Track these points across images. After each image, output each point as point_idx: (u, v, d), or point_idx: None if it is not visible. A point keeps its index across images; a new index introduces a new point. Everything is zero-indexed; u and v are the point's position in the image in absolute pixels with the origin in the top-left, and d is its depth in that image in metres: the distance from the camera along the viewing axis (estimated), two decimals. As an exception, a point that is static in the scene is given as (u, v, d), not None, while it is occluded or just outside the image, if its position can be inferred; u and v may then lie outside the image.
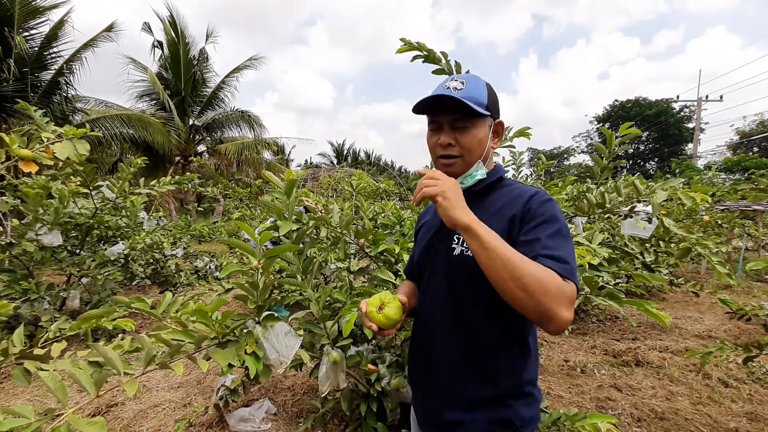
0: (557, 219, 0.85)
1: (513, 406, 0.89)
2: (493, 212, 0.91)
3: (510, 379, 0.90)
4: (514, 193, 0.93)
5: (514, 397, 0.89)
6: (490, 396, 0.89)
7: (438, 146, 0.94)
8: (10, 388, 2.68)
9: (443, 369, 0.95)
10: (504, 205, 0.91)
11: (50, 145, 1.84)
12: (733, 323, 4.33)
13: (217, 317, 1.32)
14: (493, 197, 0.96)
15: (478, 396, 0.90)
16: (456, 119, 0.92)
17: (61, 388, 0.98)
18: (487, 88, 0.94)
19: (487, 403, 0.89)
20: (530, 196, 0.89)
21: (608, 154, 2.18)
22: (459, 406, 0.92)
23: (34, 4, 9.18)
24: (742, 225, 8.07)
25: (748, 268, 1.64)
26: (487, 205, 0.94)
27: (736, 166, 19.05)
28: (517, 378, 0.90)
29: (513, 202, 0.90)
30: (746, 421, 2.43)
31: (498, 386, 0.89)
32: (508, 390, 0.89)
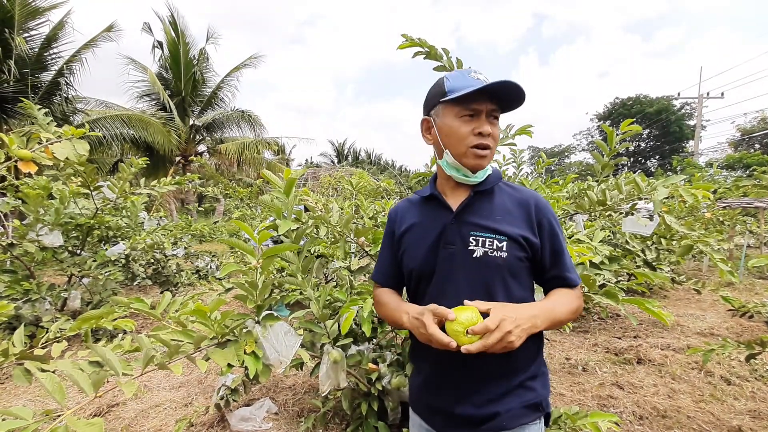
0: (559, 224, 0.99)
1: (535, 388, 0.94)
2: (507, 214, 0.95)
3: (531, 364, 0.96)
4: (517, 196, 0.98)
5: (534, 379, 0.95)
6: (516, 383, 0.93)
7: (473, 135, 0.90)
8: (11, 389, 2.69)
9: (473, 368, 0.92)
10: (513, 207, 0.96)
11: (49, 146, 1.84)
12: (736, 321, 4.31)
13: (217, 317, 1.32)
14: (501, 198, 0.98)
15: (508, 385, 0.93)
16: (494, 109, 0.91)
17: (59, 390, 0.97)
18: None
19: (514, 389, 0.93)
20: (535, 203, 0.97)
21: (609, 151, 2.17)
22: (490, 399, 0.92)
23: (33, 5, 9.19)
24: (744, 222, 8.04)
25: (751, 265, 1.63)
26: (497, 205, 0.97)
27: (737, 163, 18.97)
28: (536, 362, 0.97)
29: (522, 204, 0.96)
30: (749, 418, 2.42)
31: (524, 373, 0.94)
32: (530, 374, 0.95)
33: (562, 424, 1.55)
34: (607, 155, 2.19)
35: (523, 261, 0.92)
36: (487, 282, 0.91)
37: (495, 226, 0.92)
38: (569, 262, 0.96)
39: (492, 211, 0.95)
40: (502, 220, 0.93)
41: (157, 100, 14.70)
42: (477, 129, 0.89)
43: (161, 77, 14.73)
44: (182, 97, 14.70)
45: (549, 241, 0.95)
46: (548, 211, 0.96)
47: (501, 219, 0.93)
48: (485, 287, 0.91)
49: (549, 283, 0.97)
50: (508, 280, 0.92)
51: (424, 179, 2.18)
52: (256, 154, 15.98)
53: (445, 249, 0.95)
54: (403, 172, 30.77)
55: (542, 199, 0.98)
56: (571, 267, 0.96)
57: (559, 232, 0.96)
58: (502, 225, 0.92)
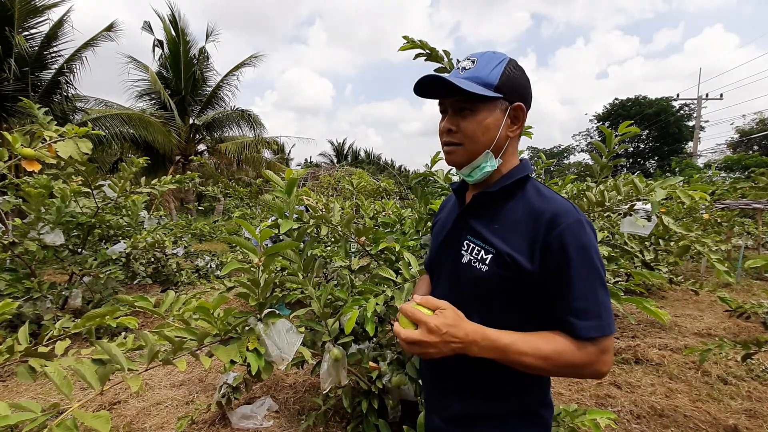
0: (586, 253, 0.73)
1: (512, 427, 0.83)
2: (511, 225, 0.80)
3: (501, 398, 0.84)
4: (536, 205, 0.78)
5: (504, 419, 0.84)
6: (478, 411, 0.85)
7: (442, 132, 0.85)
8: (14, 386, 2.70)
9: (441, 380, 0.92)
10: (524, 217, 0.78)
11: (52, 144, 1.85)
12: (733, 321, 4.34)
13: (219, 314, 1.33)
14: (514, 204, 0.82)
15: (468, 409, 0.86)
16: (458, 101, 0.80)
17: (66, 384, 0.99)
18: (505, 65, 0.80)
19: (476, 417, 0.85)
20: (553, 219, 0.75)
21: (608, 152, 2.19)
22: (454, 416, 0.88)
23: (33, 4, 9.18)
24: (742, 223, 8.07)
25: (747, 265, 1.65)
26: (505, 213, 0.82)
27: (736, 165, 19.03)
28: (508, 401, 0.83)
29: (535, 218, 0.77)
30: (745, 418, 2.44)
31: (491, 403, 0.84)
32: (500, 409, 0.84)
33: (561, 421, 1.57)
34: (606, 156, 2.20)
35: (506, 281, 0.78)
36: (462, 290, 0.84)
37: (488, 235, 0.81)
38: (582, 305, 0.72)
39: (495, 218, 0.83)
40: (500, 230, 0.80)
41: (157, 99, 14.69)
42: (441, 126, 0.85)
43: (161, 76, 14.72)
44: (182, 96, 14.70)
45: (556, 270, 0.73)
46: (569, 234, 0.73)
47: (499, 228, 0.81)
48: (458, 294, 0.84)
49: (554, 324, 0.76)
50: (486, 297, 0.81)
51: (425, 179, 2.20)
52: (255, 154, 15.98)
53: (446, 248, 0.92)
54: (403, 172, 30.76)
55: (568, 216, 0.75)
56: (582, 312, 0.72)
57: (578, 264, 0.73)
58: (495, 235, 0.80)
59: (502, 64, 0.80)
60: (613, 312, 3.67)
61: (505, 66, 0.80)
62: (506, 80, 0.79)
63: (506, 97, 0.80)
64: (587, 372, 0.74)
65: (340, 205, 2.21)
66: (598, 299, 0.73)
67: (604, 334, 0.72)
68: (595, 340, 0.72)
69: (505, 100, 0.80)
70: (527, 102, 0.83)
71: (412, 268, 1.66)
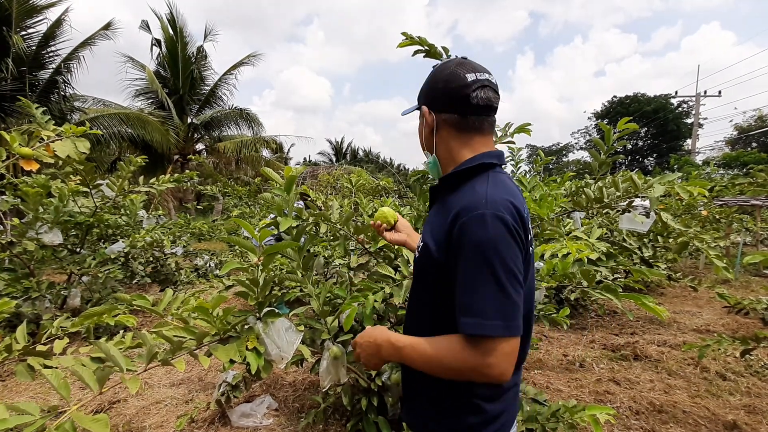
0: (479, 249, 0.71)
1: (451, 412, 0.83)
2: (441, 217, 0.82)
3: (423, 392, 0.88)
4: (456, 199, 0.80)
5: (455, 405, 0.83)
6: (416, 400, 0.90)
7: None
8: (13, 385, 2.70)
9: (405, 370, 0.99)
10: (449, 210, 0.79)
11: (51, 144, 1.85)
12: (731, 317, 4.35)
13: (218, 314, 1.33)
14: (452, 196, 0.84)
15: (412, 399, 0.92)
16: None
17: (64, 386, 0.99)
18: (429, 74, 0.90)
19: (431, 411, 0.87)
20: (458, 213, 0.75)
21: (606, 149, 2.19)
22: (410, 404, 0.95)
23: (31, 3, 9.14)
24: (741, 220, 8.08)
25: (746, 261, 1.65)
26: (444, 203, 0.85)
27: (734, 162, 19.06)
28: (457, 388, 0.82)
29: (450, 212, 0.77)
30: (744, 413, 2.45)
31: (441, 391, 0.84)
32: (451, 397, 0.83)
33: (560, 417, 1.57)
34: (605, 153, 2.20)
35: (425, 267, 0.84)
36: (413, 281, 0.95)
37: (426, 226, 0.90)
38: (466, 301, 0.71)
39: (438, 211, 0.87)
40: (433, 222, 0.86)
41: (155, 98, 14.64)
42: None
43: (159, 75, 14.67)
44: (180, 95, 14.66)
45: (453, 264, 0.75)
46: (466, 229, 0.72)
47: (433, 220, 0.87)
48: (412, 285, 0.96)
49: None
50: (416, 280, 0.91)
51: (423, 177, 2.20)
52: (254, 153, 15.96)
53: None
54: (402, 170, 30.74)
55: (471, 210, 0.73)
56: (465, 307, 0.71)
57: (469, 260, 0.71)
58: (427, 226, 0.88)
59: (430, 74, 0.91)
60: (612, 309, 3.63)
61: (431, 74, 0.90)
62: (420, 90, 0.92)
63: (420, 104, 0.92)
64: (473, 375, 0.72)
65: (339, 203, 2.21)
66: (484, 297, 0.69)
67: (484, 333, 0.69)
68: (479, 340, 0.70)
69: (422, 106, 0.91)
70: (435, 99, 0.87)
71: (410, 266, 1.66)
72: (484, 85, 0.82)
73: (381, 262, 1.89)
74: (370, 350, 0.88)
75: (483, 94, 0.81)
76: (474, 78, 0.81)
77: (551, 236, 2.00)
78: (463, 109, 0.83)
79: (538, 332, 3.92)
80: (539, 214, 2.04)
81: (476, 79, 0.81)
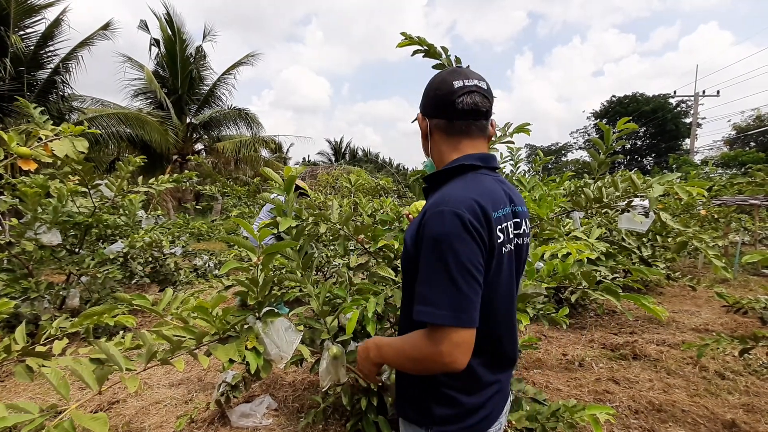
0: (435, 243, 0.76)
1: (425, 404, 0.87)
2: (417, 218, 0.87)
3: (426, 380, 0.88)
4: (430, 200, 0.87)
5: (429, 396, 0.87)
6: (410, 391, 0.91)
7: None
8: (12, 386, 2.69)
9: None
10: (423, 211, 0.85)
11: (49, 143, 1.84)
12: (730, 316, 4.36)
13: (218, 313, 1.33)
14: (431, 196, 0.91)
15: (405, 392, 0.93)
16: None
17: (63, 385, 0.99)
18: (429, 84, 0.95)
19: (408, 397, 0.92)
20: (425, 210, 0.82)
21: (605, 149, 2.19)
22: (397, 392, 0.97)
23: (29, 3, 9.12)
24: (739, 219, 8.10)
25: (744, 260, 1.66)
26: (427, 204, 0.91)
27: (733, 161, 19.11)
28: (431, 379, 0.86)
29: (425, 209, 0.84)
30: (743, 412, 2.45)
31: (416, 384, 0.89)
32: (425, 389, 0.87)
33: (560, 416, 1.58)
34: (604, 153, 2.21)
35: (406, 266, 0.89)
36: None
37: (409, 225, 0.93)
38: (423, 291, 0.76)
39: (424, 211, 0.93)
40: (413, 220, 0.90)
41: (153, 98, 14.61)
42: None
43: (158, 75, 14.64)
44: (179, 95, 14.63)
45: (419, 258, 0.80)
46: (427, 225, 0.78)
47: (416, 218, 0.90)
48: None
49: None
50: (403, 279, 0.94)
51: (423, 177, 2.20)
52: (253, 153, 15.94)
53: None
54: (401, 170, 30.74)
55: (433, 207, 0.79)
56: (421, 297, 0.76)
57: (427, 253, 0.77)
58: (410, 224, 0.94)
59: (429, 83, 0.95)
60: (611, 308, 3.63)
61: (430, 83, 0.94)
62: (422, 97, 0.96)
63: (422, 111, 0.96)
64: (429, 365, 0.77)
65: (338, 203, 2.21)
66: (437, 289, 0.74)
67: (434, 322, 0.73)
68: (433, 330, 0.74)
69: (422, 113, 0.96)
70: (429, 106, 0.93)
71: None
72: (471, 90, 0.86)
73: (380, 263, 1.89)
74: (362, 356, 0.95)
75: (469, 99, 0.86)
76: (461, 84, 0.86)
77: (551, 236, 2.00)
78: (450, 114, 0.88)
79: (538, 332, 3.93)
80: (538, 214, 2.04)
81: (463, 85, 0.86)
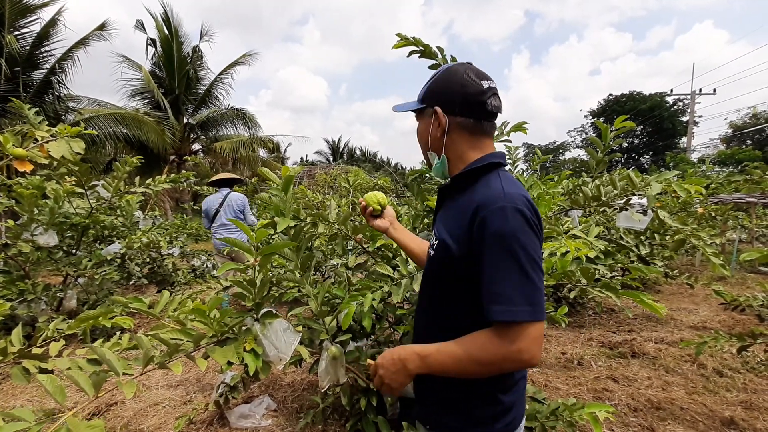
0: (503, 240, 0.73)
1: (466, 405, 0.85)
2: (455, 214, 0.85)
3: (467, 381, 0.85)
4: (473, 196, 0.83)
5: (471, 397, 0.85)
6: (447, 393, 0.88)
7: None
8: (9, 389, 2.68)
9: None
10: (464, 208, 0.82)
11: (44, 144, 1.83)
12: (728, 314, 4.37)
13: (215, 315, 1.32)
14: (466, 195, 0.87)
15: (440, 396, 0.90)
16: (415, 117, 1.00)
17: (59, 391, 0.98)
18: (434, 79, 0.92)
19: (444, 399, 0.88)
20: (478, 207, 0.78)
21: (603, 147, 2.19)
22: (423, 400, 0.94)
23: (24, 3, 9.07)
24: (736, 217, 8.13)
25: (742, 258, 1.66)
26: (458, 204, 0.88)
27: (729, 159, 19.18)
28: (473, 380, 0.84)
29: (468, 208, 0.80)
30: (741, 409, 2.46)
31: (455, 385, 0.86)
32: (465, 391, 0.85)
33: (560, 415, 1.57)
34: (602, 151, 2.20)
35: (444, 265, 0.85)
36: (426, 275, 0.96)
37: (440, 224, 0.91)
38: (495, 290, 0.73)
39: (450, 208, 0.91)
40: (447, 219, 0.89)
41: (150, 98, 14.55)
42: None
43: (155, 75, 14.58)
44: (176, 95, 14.58)
45: (477, 257, 0.77)
46: (488, 222, 0.75)
47: (448, 217, 0.89)
48: (424, 280, 0.96)
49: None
50: (432, 278, 0.92)
51: (421, 176, 2.19)
52: (251, 153, 15.90)
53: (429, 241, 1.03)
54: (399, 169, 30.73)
55: (492, 204, 0.76)
56: (494, 296, 0.73)
57: (493, 251, 0.74)
58: (442, 223, 0.90)
59: (432, 79, 0.93)
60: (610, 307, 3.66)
61: (433, 80, 0.93)
62: (428, 91, 0.93)
63: (429, 104, 0.92)
64: (507, 365, 0.74)
65: (336, 202, 2.20)
66: (510, 285, 0.72)
67: (514, 319, 0.71)
68: (507, 328, 0.72)
69: (429, 107, 0.92)
70: (449, 102, 0.89)
71: (409, 265, 1.65)
72: (495, 93, 0.89)
73: (379, 261, 1.88)
74: (395, 368, 0.85)
75: (495, 101, 0.88)
76: (488, 86, 0.88)
77: (549, 235, 2.00)
78: (478, 114, 0.89)
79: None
80: (537, 213, 2.03)
81: (489, 87, 0.88)
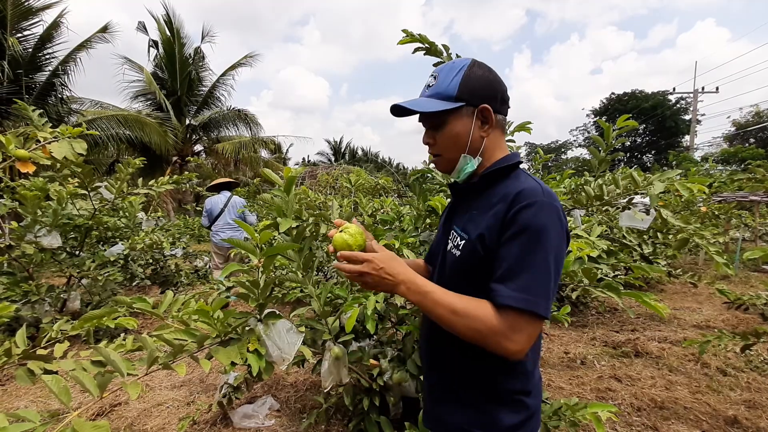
0: (537, 234, 0.73)
1: (491, 412, 0.83)
2: (486, 209, 0.82)
3: (492, 385, 0.84)
4: (509, 188, 0.80)
5: (496, 403, 0.83)
6: (469, 398, 0.86)
7: (425, 144, 0.93)
8: (13, 390, 2.69)
9: (437, 363, 0.95)
10: (496, 201, 0.80)
11: (47, 145, 1.84)
12: (731, 313, 4.36)
13: (219, 316, 1.33)
14: (493, 191, 0.85)
15: (460, 398, 0.87)
16: (426, 118, 0.88)
17: (64, 392, 0.98)
18: (464, 73, 0.83)
19: (466, 405, 0.86)
20: (516, 196, 0.76)
21: (606, 146, 2.18)
22: (446, 402, 0.90)
23: (26, 5, 9.10)
24: (740, 216, 8.09)
25: (745, 257, 1.65)
26: (485, 200, 0.85)
27: (732, 158, 19.10)
28: (499, 384, 0.83)
29: (504, 198, 0.79)
30: (744, 408, 2.45)
31: (479, 390, 0.84)
32: (490, 395, 0.84)
33: (562, 415, 1.57)
34: (604, 150, 2.20)
35: (474, 264, 0.81)
36: (445, 276, 0.89)
37: (466, 223, 0.86)
38: (512, 275, 0.73)
39: (476, 206, 0.87)
40: (477, 216, 0.84)
41: (152, 99, 14.59)
42: (424, 139, 0.93)
43: (157, 77, 14.62)
44: (178, 96, 14.61)
45: (506, 242, 0.75)
46: (526, 212, 0.74)
47: (476, 214, 0.84)
48: (443, 281, 0.87)
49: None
50: (456, 279, 0.85)
51: (423, 176, 2.19)
52: (252, 154, 15.92)
53: (439, 240, 1.00)
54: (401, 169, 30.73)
55: (532, 196, 0.75)
56: (509, 280, 0.73)
57: (524, 240, 0.73)
58: (471, 221, 0.84)
59: (460, 73, 0.83)
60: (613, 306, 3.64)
61: (463, 74, 0.83)
62: (465, 87, 0.83)
63: (470, 103, 0.83)
64: (491, 342, 0.73)
65: (338, 202, 2.20)
66: (536, 277, 0.72)
67: (525, 307, 0.70)
68: (514, 313, 0.71)
69: (469, 106, 0.83)
70: (494, 99, 0.85)
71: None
72: None
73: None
74: (381, 283, 0.80)
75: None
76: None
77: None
78: (505, 110, 0.89)
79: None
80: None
81: None
